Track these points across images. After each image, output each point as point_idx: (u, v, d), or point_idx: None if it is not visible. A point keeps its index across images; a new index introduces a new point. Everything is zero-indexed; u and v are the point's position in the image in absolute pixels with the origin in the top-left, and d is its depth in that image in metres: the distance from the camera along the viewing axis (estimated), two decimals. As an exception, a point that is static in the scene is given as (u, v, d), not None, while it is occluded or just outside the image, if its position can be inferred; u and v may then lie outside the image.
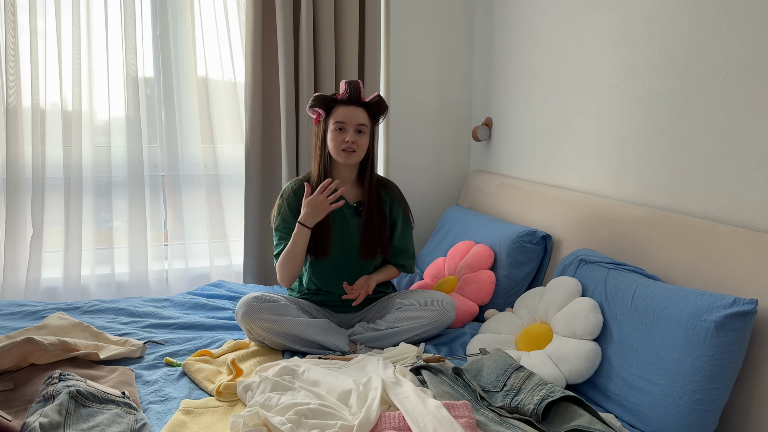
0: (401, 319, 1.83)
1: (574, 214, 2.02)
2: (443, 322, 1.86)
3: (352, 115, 1.85)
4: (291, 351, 1.78)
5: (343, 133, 1.86)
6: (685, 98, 1.67)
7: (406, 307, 1.87)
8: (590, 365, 1.51)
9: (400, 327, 1.82)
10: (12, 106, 2.26)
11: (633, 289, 1.53)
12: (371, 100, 1.90)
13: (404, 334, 1.81)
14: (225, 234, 2.63)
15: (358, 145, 1.87)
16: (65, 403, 1.25)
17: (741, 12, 1.49)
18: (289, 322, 1.74)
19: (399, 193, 2.04)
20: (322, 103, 1.89)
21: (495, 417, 1.29)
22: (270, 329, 1.73)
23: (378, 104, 1.91)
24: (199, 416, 1.36)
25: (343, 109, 1.87)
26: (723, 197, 1.57)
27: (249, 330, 1.76)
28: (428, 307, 1.85)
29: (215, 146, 2.58)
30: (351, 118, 1.85)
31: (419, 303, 1.87)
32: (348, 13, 2.50)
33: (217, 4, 2.49)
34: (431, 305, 1.85)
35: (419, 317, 1.83)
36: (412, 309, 1.85)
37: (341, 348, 1.77)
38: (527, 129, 2.45)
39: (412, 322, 1.82)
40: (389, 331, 1.82)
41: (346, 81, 1.88)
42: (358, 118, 1.86)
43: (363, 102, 1.89)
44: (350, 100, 1.87)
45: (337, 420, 1.24)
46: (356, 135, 1.86)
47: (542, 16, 2.32)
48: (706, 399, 1.29)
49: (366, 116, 1.88)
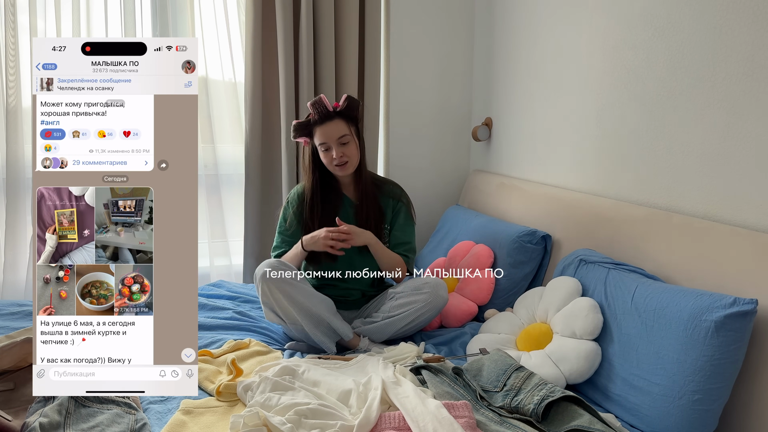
0: (395, 307, 1.86)
1: (574, 214, 2.02)
2: (437, 304, 1.87)
3: (329, 132, 1.88)
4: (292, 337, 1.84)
5: (329, 151, 1.90)
6: (685, 98, 1.67)
7: (398, 295, 1.89)
8: (590, 365, 1.51)
9: (395, 314, 1.84)
10: (12, 106, 2.26)
11: (633, 289, 1.53)
12: (341, 108, 1.90)
13: (401, 321, 1.84)
14: (225, 234, 2.63)
15: (348, 156, 1.90)
16: (65, 403, 1.25)
17: (741, 12, 1.49)
18: (305, 292, 1.78)
19: (398, 191, 2.05)
20: (301, 132, 1.93)
21: (495, 417, 1.29)
22: (286, 293, 1.74)
23: (349, 107, 1.91)
24: (199, 416, 1.36)
25: (319, 129, 1.89)
26: (723, 197, 1.57)
27: (265, 292, 1.76)
28: (420, 291, 1.87)
29: (215, 146, 2.58)
30: (329, 135, 1.88)
31: (410, 289, 1.89)
32: (348, 13, 2.50)
33: (217, 4, 2.49)
34: (422, 288, 1.87)
35: (412, 302, 1.85)
36: (404, 295, 1.87)
37: (346, 333, 1.82)
38: (527, 129, 2.44)
39: (406, 308, 1.84)
40: (385, 321, 1.84)
41: (309, 103, 1.90)
42: (335, 132, 1.88)
43: (334, 112, 1.89)
44: (322, 118, 1.88)
45: (337, 420, 1.24)
46: (341, 147, 1.89)
47: (542, 16, 2.32)
48: (706, 399, 1.29)
49: (343, 124, 1.89)
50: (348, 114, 1.91)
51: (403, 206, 2.03)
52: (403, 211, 2.03)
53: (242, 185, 2.56)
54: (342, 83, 2.56)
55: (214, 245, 2.61)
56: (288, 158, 2.49)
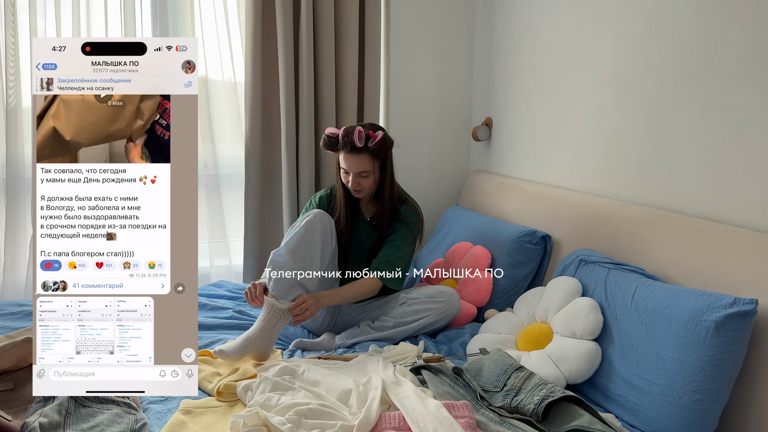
0: (408, 313, 1.85)
1: (574, 214, 2.02)
2: (450, 313, 1.89)
3: (352, 165, 1.88)
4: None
5: (348, 175, 1.91)
6: (686, 98, 1.67)
7: (411, 301, 1.89)
8: (590, 365, 1.51)
9: (408, 322, 1.84)
10: (12, 106, 2.26)
11: (633, 289, 1.53)
12: (372, 146, 1.86)
13: (412, 329, 1.84)
14: (225, 234, 2.63)
15: (363, 187, 1.91)
16: (65, 403, 1.25)
17: (741, 12, 1.49)
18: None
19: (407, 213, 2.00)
20: (329, 147, 1.93)
21: (495, 417, 1.29)
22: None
23: (380, 147, 1.87)
24: (198, 416, 1.36)
25: (344, 156, 1.89)
26: (723, 197, 1.57)
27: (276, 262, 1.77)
28: (435, 299, 1.88)
29: (215, 146, 2.58)
30: (351, 166, 1.88)
31: (425, 296, 1.89)
32: (348, 13, 2.50)
33: (217, 4, 2.49)
34: (437, 297, 1.88)
35: (427, 309, 1.85)
36: (418, 302, 1.87)
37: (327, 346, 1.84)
38: (527, 129, 2.44)
39: (420, 315, 1.85)
40: (396, 330, 1.84)
41: (343, 129, 1.88)
42: (359, 166, 1.88)
43: (363, 148, 1.86)
44: (349, 149, 1.86)
45: (337, 420, 1.24)
46: (359, 178, 1.89)
47: (542, 16, 2.32)
48: (706, 399, 1.29)
49: (369, 160, 1.87)
50: (376, 152, 1.88)
51: (402, 225, 1.97)
52: (403, 229, 1.97)
53: (242, 185, 2.56)
54: (342, 84, 2.55)
55: (214, 245, 2.61)
56: (288, 158, 2.49)
